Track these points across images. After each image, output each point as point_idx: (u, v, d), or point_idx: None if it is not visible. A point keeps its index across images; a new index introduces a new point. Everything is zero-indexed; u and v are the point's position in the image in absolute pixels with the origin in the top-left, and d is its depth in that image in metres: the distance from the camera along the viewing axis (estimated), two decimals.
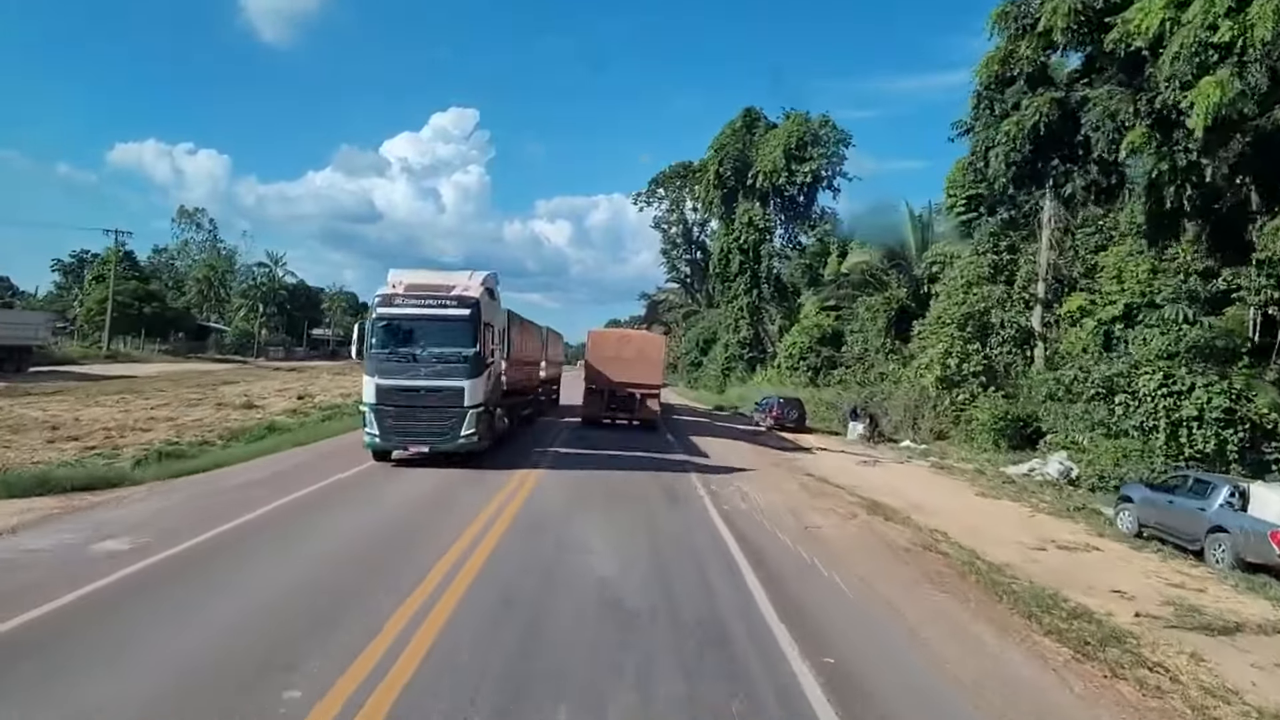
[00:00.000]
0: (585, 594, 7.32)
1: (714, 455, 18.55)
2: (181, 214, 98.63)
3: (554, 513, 11.10)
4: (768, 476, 15.97)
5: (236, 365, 48.93)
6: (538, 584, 7.58)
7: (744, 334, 55.77)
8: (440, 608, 6.60)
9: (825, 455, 21.16)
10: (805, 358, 47.11)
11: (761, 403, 29.41)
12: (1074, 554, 11.59)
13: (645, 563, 8.64)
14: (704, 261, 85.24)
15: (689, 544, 9.82)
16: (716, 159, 55.26)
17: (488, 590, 7.20)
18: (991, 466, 20.07)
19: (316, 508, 10.58)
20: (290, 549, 8.36)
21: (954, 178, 32.68)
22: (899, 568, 9.43)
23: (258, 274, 69.98)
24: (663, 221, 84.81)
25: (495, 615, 6.54)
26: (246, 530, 9.00)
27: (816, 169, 52.31)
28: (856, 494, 14.63)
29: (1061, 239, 28.27)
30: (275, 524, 9.41)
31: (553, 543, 9.22)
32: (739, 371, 55.79)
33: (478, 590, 7.18)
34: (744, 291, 55.37)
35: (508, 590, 7.26)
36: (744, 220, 53.96)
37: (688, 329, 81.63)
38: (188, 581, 7.03)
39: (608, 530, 10.09)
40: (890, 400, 28.69)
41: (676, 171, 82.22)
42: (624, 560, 8.63)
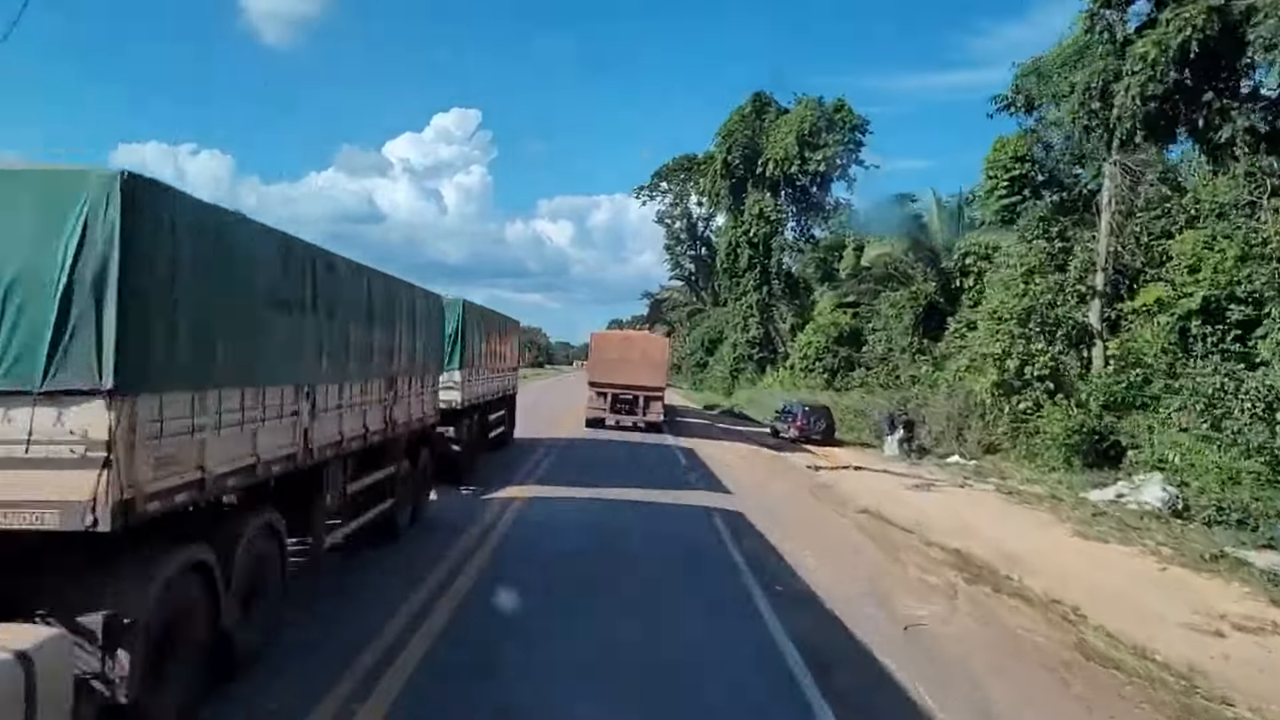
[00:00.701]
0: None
1: (738, 485, 15.15)
2: None
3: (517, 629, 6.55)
4: (814, 517, 12.58)
5: None
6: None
7: (753, 333, 52.39)
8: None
9: (867, 476, 17.76)
10: (821, 358, 43.74)
11: (783, 411, 26.03)
12: (1265, 640, 8.19)
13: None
14: (709, 258, 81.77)
15: (735, 688, 5.74)
16: (724, 147, 51.86)
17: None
18: (1068, 491, 16.66)
19: None
20: None
21: (994, 158, 29.31)
22: (1070, 704, 5.99)
23: None
24: (666, 216, 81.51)
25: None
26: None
27: (831, 157, 49.00)
28: (932, 540, 11.22)
29: (1123, 223, 24.84)
30: None
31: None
32: (748, 373, 52.40)
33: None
34: (753, 288, 51.98)
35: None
36: (753, 212, 50.59)
37: (692, 328, 78.24)
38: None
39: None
40: (928, 407, 25.28)
41: (680, 164, 78.79)
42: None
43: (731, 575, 8.85)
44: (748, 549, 9.98)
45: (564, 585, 7.94)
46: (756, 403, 40.99)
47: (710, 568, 9.15)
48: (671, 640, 6.64)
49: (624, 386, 24.38)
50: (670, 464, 17.60)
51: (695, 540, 10.42)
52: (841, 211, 52.26)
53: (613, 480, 14.36)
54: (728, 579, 8.67)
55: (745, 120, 51.67)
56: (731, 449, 22.08)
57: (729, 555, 9.73)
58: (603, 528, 10.62)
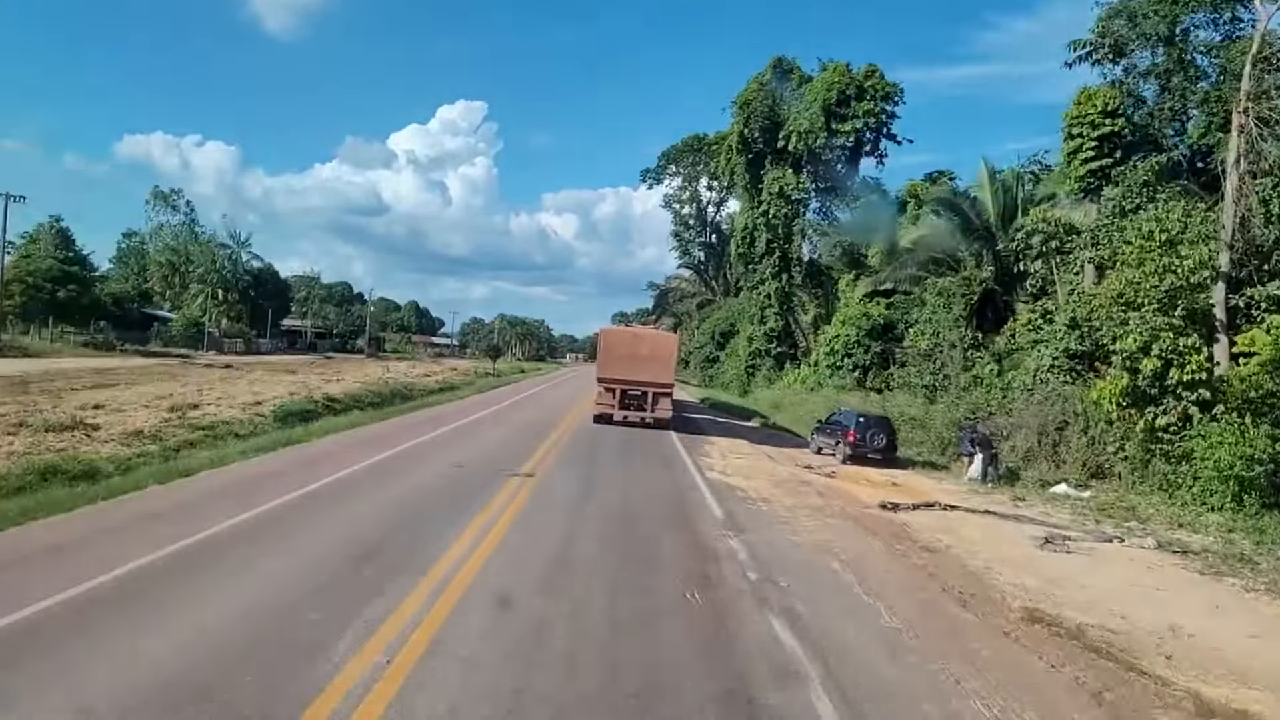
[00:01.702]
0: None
1: (792, 547, 10.23)
2: (155, 196, 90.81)
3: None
4: (946, 632, 7.52)
5: (163, 360, 40.72)
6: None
7: (771, 325, 47.33)
8: None
9: (968, 522, 12.70)
10: (851, 353, 38.72)
11: (829, 422, 20.93)
12: None
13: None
14: (720, 245, 76.76)
15: None
16: (741, 118, 46.65)
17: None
18: (1259, 546, 11.66)
19: None
20: None
21: (1078, 113, 24.19)
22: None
23: (218, 256, 61.88)
24: (674, 200, 76.34)
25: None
26: None
27: (861, 128, 43.85)
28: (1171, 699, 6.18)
29: (1250, 188, 19.76)
30: None
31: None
32: (765, 370, 47.37)
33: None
34: (771, 275, 46.92)
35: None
36: (773, 190, 45.47)
37: (701, 320, 73.27)
38: None
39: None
40: (1009, 417, 20.26)
41: (689, 145, 73.73)
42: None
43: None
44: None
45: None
46: (785, 408, 36.02)
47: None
48: None
49: (632, 383, 24.38)
50: (695, 510, 12.76)
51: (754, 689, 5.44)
52: (872, 190, 47.14)
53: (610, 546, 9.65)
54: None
55: (764, 89, 46.46)
56: (763, 468, 17.20)
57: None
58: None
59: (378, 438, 17.41)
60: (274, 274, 66.91)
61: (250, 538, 8.44)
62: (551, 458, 16.22)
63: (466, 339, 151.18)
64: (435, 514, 10.22)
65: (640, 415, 24.29)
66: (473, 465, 14.23)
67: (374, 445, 15.93)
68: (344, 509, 10.26)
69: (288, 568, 7.53)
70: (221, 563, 7.49)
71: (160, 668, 4.99)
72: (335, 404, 25.14)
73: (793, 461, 19.04)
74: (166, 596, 6.44)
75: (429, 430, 19.46)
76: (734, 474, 16.16)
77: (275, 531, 8.82)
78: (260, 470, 12.61)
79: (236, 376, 32.57)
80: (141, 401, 21.53)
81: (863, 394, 35.22)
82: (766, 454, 20.44)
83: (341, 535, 8.86)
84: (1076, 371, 22.07)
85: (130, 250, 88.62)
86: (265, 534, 8.68)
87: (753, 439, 24.71)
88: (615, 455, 17.69)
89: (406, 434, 18.24)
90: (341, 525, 9.38)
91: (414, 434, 18.35)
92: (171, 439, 16.47)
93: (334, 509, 10.20)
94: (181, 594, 6.54)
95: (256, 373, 35.63)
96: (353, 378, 37.25)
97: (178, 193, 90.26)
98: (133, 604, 6.20)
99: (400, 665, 5.27)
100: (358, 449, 15.19)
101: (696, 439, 22.73)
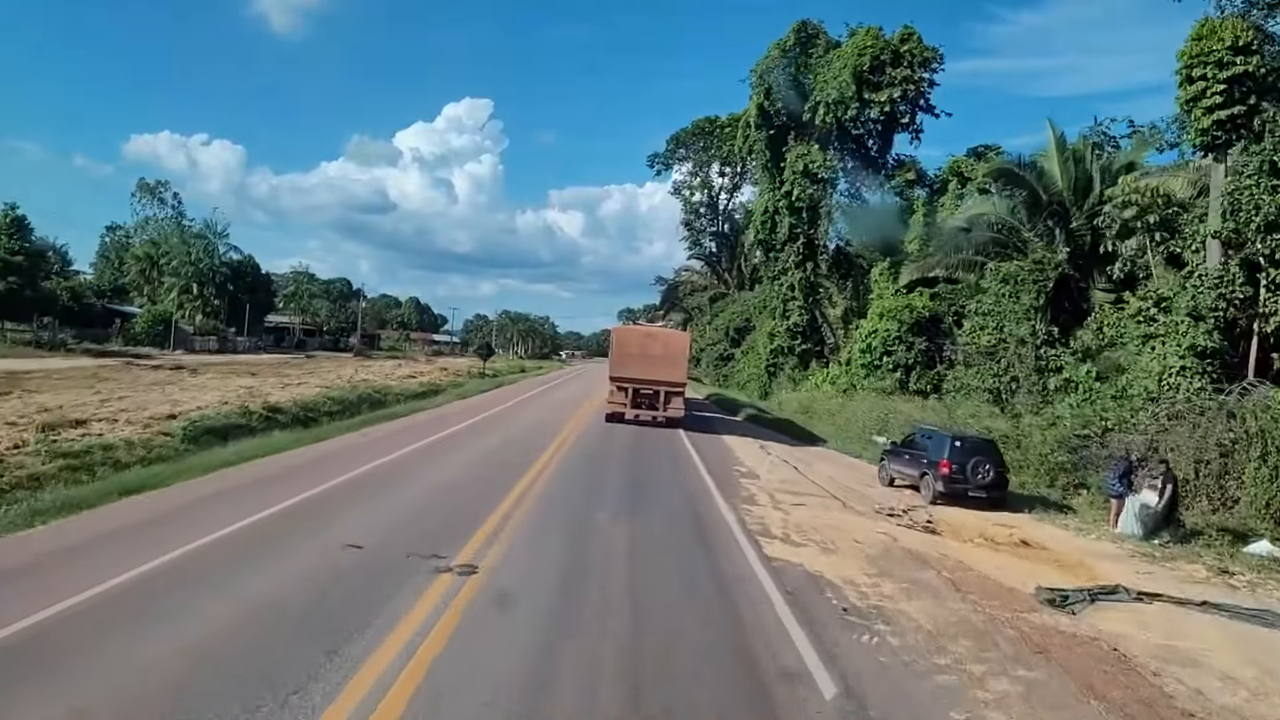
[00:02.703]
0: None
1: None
2: (141, 188, 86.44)
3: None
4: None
5: (109, 361, 36.04)
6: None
7: (795, 320, 42.36)
8: None
9: (1200, 631, 7.75)
10: (891, 351, 33.81)
11: (911, 445, 16.05)
12: None
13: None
14: (734, 235, 71.72)
15: None
16: (760, 89, 41.64)
17: None
18: None
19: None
20: None
21: (1199, 50, 19.23)
22: None
23: (193, 247, 57.12)
24: (684, 186, 71.27)
25: None
26: None
27: (898, 97, 38.83)
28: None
29: None
30: None
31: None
32: (789, 369, 42.43)
33: None
34: (795, 264, 41.95)
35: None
36: (797, 169, 40.49)
37: (714, 315, 68.34)
38: None
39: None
40: (1135, 436, 15.31)
41: (700, 128, 68.66)
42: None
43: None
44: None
45: None
46: (815, 413, 31.19)
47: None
48: None
49: (645, 381, 24.32)
50: (774, 673, 7.93)
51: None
52: (908, 168, 42.05)
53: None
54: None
55: (786, 55, 41.45)
56: (841, 525, 12.27)
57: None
58: None
59: (283, 474, 12.49)
60: (254, 266, 62.16)
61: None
62: (518, 520, 10.56)
63: (469, 336, 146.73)
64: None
65: (652, 414, 24.32)
66: (386, 541, 8.95)
67: (258, 492, 10.98)
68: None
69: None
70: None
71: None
72: (276, 416, 20.44)
73: (869, 504, 14.06)
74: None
75: (365, 460, 14.39)
76: (803, 540, 10.88)
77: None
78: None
79: (176, 380, 27.88)
80: (13, 415, 16.85)
81: (908, 399, 30.39)
82: (829, 488, 15.49)
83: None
84: (1213, 375, 17.18)
85: (113, 245, 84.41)
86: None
87: (799, 461, 19.72)
88: (620, 506, 12.25)
89: (328, 467, 13.34)
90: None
91: (339, 466, 13.40)
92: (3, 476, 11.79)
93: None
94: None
95: (207, 375, 30.96)
96: (320, 381, 32.56)
97: (164, 185, 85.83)
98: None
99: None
100: (221, 503, 10.19)
101: (729, 468, 17.58)
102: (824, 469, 18.03)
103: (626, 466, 16.44)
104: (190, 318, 54.84)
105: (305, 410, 22.12)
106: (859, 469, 18.88)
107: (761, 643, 6.84)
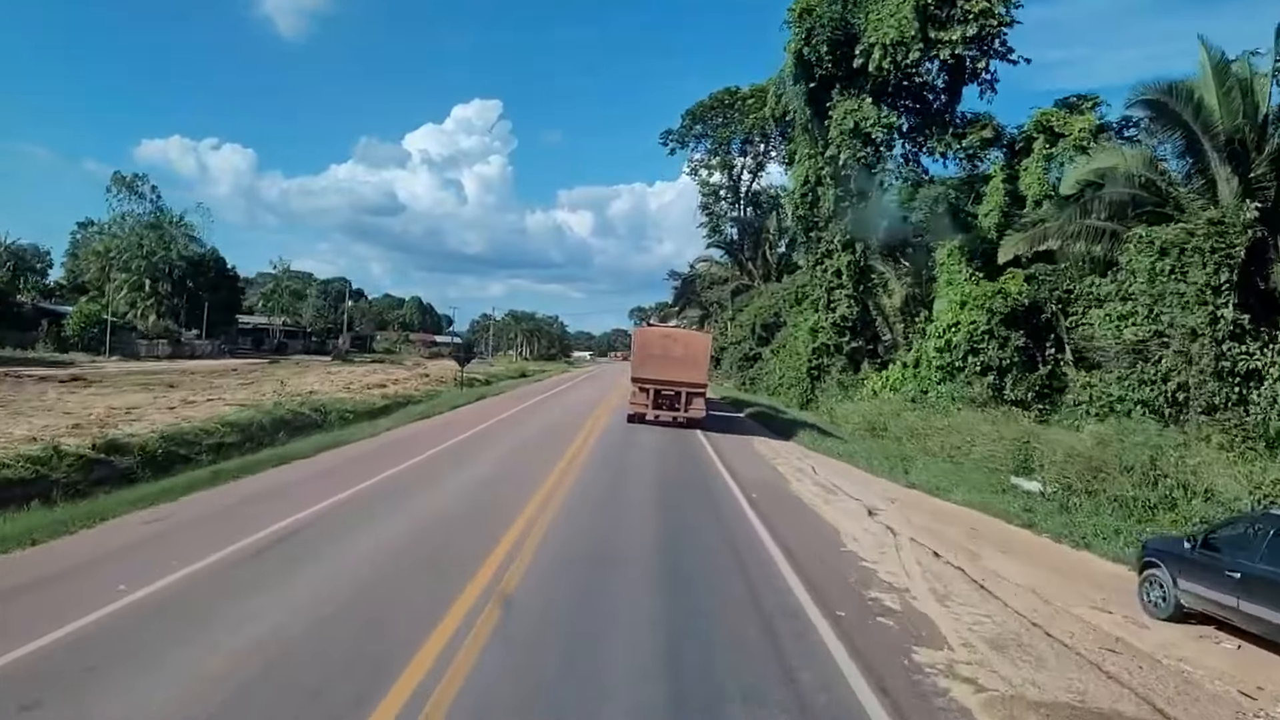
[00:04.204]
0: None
1: None
2: (117, 181, 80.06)
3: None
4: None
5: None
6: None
7: (843, 312, 34.96)
8: None
9: None
10: (979, 350, 26.49)
11: (1239, 545, 7.85)
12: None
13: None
14: (758, 220, 64.32)
15: None
16: (800, 33, 34.07)
17: None
18: None
19: None
20: None
21: None
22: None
23: (145, 239, 50.25)
24: (702, 165, 63.77)
25: None
26: None
27: (970, 36, 31.35)
28: None
29: None
30: None
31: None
32: (836, 372, 35.05)
33: None
34: (843, 244, 34.57)
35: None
36: (845, 127, 33.05)
37: (737, 310, 60.98)
38: None
39: None
40: None
41: (720, 100, 61.18)
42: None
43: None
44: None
45: None
46: (887, 432, 23.73)
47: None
48: None
49: (666, 382, 24.65)
50: None
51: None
52: (983, 125, 34.45)
53: None
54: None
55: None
56: None
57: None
58: None
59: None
60: (219, 260, 55.19)
61: None
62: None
63: (474, 336, 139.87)
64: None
65: (673, 415, 24.63)
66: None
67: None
68: None
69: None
70: None
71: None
72: (109, 459, 13.39)
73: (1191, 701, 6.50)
74: None
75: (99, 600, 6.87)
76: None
77: None
78: None
79: (38, 397, 20.90)
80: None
81: (1002, 411, 23.02)
82: (1078, 646, 7.55)
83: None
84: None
85: (85, 243, 78.19)
86: None
87: (950, 547, 11.55)
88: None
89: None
90: None
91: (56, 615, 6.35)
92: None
93: None
94: None
95: (101, 388, 23.97)
96: (253, 394, 25.55)
97: (142, 178, 79.13)
98: None
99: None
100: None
101: (845, 578, 9.47)
102: (1004, 568, 10.29)
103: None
104: (143, 317, 48.09)
105: (171, 447, 15.01)
106: (1059, 561, 11.02)
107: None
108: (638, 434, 23.40)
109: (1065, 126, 32.18)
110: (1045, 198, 31.66)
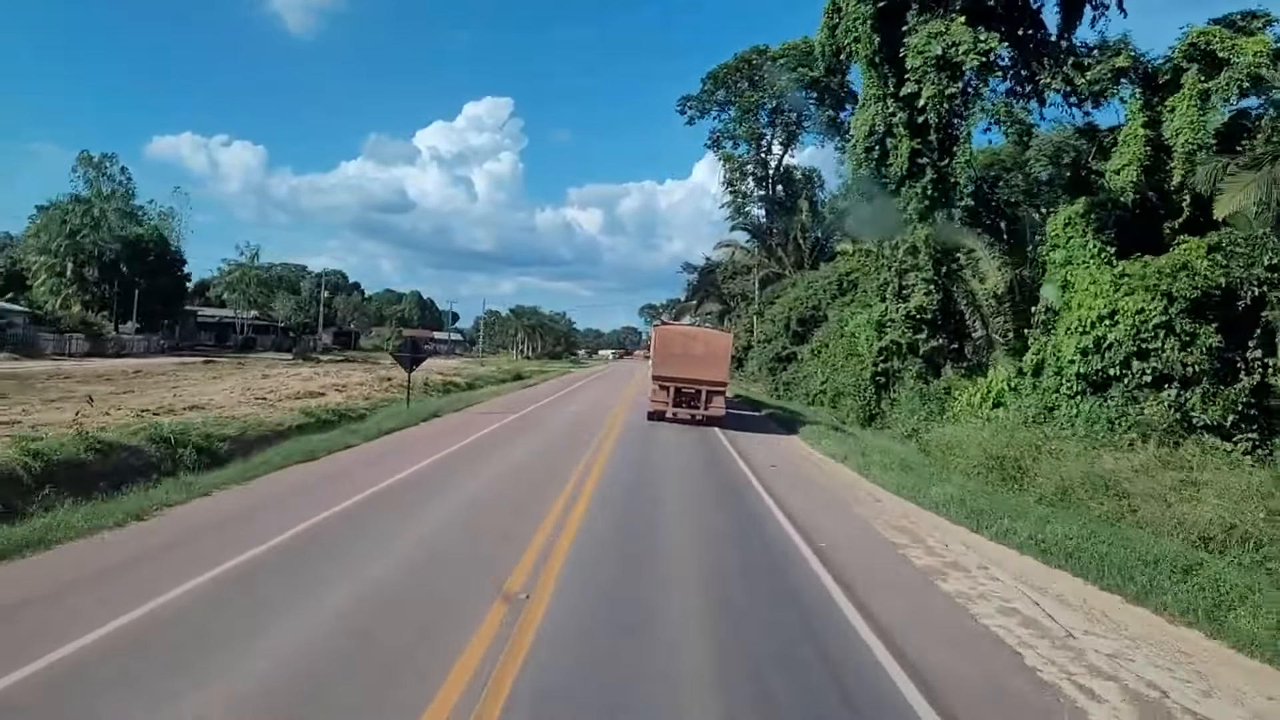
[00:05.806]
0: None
1: None
2: (83, 161, 72.57)
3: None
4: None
5: None
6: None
7: (920, 301, 26.71)
8: None
9: None
10: (1146, 353, 18.40)
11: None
12: None
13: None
14: (790, 200, 56.12)
15: None
16: None
17: None
18: None
19: None
20: None
21: None
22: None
23: (70, 217, 42.75)
24: (724, 137, 55.42)
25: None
26: None
27: None
28: None
29: None
30: None
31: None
32: (910, 380, 26.83)
33: None
34: (919, 214, 26.35)
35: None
36: (929, 55, 24.90)
37: (766, 303, 52.78)
38: None
39: None
40: None
41: (747, 60, 52.91)
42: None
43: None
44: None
45: None
46: (1044, 476, 15.20)
47: None
48: None
49: (687, 380, 25.03)
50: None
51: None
52: (1112, 54, 26.09)
53: None
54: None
55: None
56: None
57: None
58: None
59: None
60: (161, 242, 47.24)
61: None
62: None
63: (478, 333, 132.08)
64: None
65: (692, 412, 25.10)
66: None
67: None
68: None
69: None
70: None
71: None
72: None
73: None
74: None
75: None
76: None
77: None
78: None
79: None
80: None
81: (1200, 444, 14.95)
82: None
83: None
84: None
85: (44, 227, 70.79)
86: None
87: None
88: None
89: None
90: None
91: None
92: None
93: None
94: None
95: None
96: (113, 410, 17.64)
97: (111, 158, 71.37)
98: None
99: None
100: None
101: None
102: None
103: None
104: (65, 307, 40.53)
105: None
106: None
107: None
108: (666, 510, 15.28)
109: (1232, 51, 23.85)
110: (1200, 148, 23.56)
